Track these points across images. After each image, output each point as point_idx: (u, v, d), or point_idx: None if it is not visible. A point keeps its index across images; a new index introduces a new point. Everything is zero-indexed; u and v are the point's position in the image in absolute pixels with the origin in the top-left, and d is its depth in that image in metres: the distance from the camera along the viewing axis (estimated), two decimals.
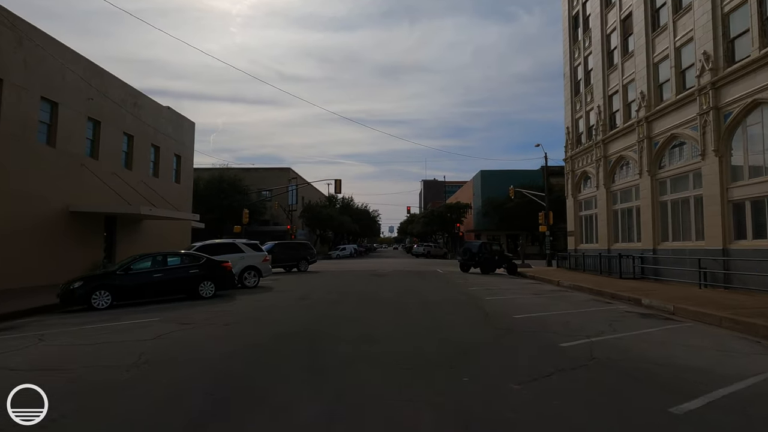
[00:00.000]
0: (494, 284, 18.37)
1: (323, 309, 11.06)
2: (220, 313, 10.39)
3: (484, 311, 10.59)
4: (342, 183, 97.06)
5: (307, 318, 9.73)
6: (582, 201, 26.45)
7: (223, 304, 11.87)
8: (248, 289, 15.73)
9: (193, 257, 13.33)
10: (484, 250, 25.00)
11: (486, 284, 18.26)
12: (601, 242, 23.21)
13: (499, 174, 55.97)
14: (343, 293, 14.47)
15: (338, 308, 11.18)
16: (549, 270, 26.34)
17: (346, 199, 72.19)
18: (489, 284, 18.24)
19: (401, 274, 23.95)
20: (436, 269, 28.76)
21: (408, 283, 18.14)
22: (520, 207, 48.30)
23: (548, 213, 32.56)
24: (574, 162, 27.08)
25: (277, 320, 9.56)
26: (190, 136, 29.37)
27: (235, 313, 10.53)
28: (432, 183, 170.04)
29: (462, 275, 23.34)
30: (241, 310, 10.93)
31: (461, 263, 25.76)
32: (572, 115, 27.41)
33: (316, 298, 13.04)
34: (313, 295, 13.96)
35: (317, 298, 13.21)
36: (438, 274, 24.15)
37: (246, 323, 9.19)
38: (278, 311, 10.87)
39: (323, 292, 14.68)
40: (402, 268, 29.97)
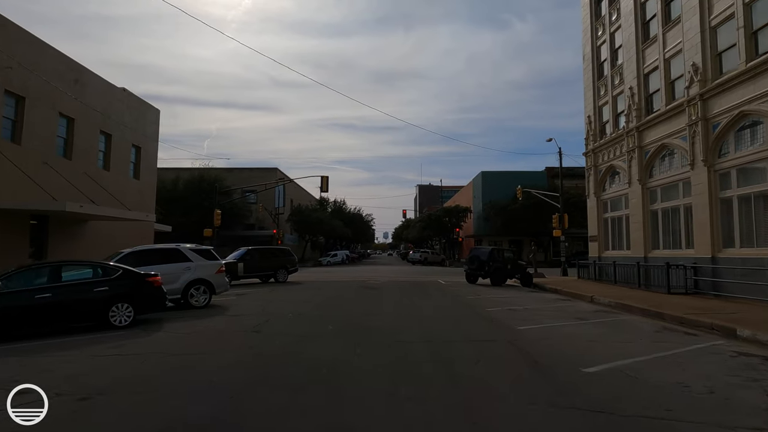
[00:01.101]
0: (516, 301, 14.55)
1: (279, 352, 7.16)
2: (104, 365, 6.47)
3: (530, 357, 6.74)
4: (336, 188, 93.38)
5: (242, 377, 5.82)
6: (607, 201, 22.76)
7: (132, 341, 7.93)
8: (194, 310, 11.77)
9: (104, 269, 9.37)
10: (495, 258, 21.21)
11: (506, 302, 14.45)
12: (634, 249, 19.49)
13: (502, 175, 52.40)
14: (319, 319, 10.54)
15: (303, 351, 7.26)
16: (568, 281, 22.59)
17: (338, 202, 68.38)
18: (510, 302, 14.42)
19: (397, 286, 20.09)
20: (437, 279, 24.92)
21: (407, 301, 14.27)
22: (524, 210, 44.69)
23: (563, 216, 28.87)
24: (597, 156, 23.42)
25: (190, 384, 5.62)
26: (154, 125, 25.45)
27: (132, 362, 6.60)
28: (427, 188, 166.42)
29: (470, 288, 19.52)
30: (149, 356, 6.98)
31: (468, 273, 21.95)
32: (594, 102, 23.79)
33: (278, 329, 9.12)
34: (276, 322, 10.01)
35: (279, 328, 9.29)
36: (441, 287, 20.31)
37: (126, 392, 5.23)
38: (205, 360, 6.87)
39: (292, 318, 10.75)
40: (398, 278, 26.13)
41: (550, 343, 7.82)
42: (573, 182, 51.14)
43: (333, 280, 24.86)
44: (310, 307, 12.60)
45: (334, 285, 20.72)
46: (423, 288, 19.48)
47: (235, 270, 20.68)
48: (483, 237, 52.85)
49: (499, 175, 52.52)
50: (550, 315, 11.57)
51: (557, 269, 32.85)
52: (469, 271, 21.69)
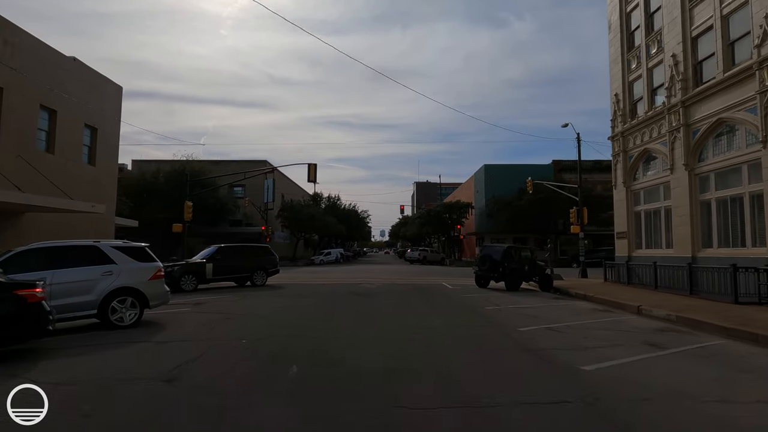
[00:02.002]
0: (547, 315, 11.30)
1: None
2: None
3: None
4: (333, 186, 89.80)
5: None
6: (640, 191, 19.57)
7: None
8: (112, 333, 8.44)
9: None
10: (511, 258, 17.99)
11: (535, 315, 11.21)
12: (678, 247, 16.31)
13: (506, 169, 49.26)
14: (281, 353, 7.05)
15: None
16: (594, 285, 19.41)
17: (332, 197, 65.03)
18: (540, 315, 11.17)
19: (396, 292, 16.83)
20: (441, 282, 21.67)
21: (410, 318, 10.94)
22: (530, 206, 41.56)
23: (582, 210, 25.68)
24: (627, 140, 20.22)
25: None
26: (114, 103, 22.05)
27: None
28: (425, 185, 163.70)
29: (482, 294, 16.28)
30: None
31: (478, 275, 18.71)
32: (623, 77, 20.56)
33: (207, 375, 5.68)
34: (213, 359, 6.51)
35: (212, 371, 5.82)
36: (448, 293, 17.06)
37: None
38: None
39: (242, 349, 7.41)
40: (396, 279, 22.88)
41: (660, 408, 4.57)
42: (583, 176, 48.19)
43: (321, 282, 21.58)
44: (278, 327, 9.29)
45: (320, 290, 17.44)
46: (427, 294, 16.22)
47: (203, 271, 17.40)
48: (485, 234, 49.71)
49: (503, 168, 49.37)
50: (606, 339, 8.33)
51: (567, 269, 29.75)
52: (480, 273, 18.46)
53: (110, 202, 21.39)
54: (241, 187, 50.33)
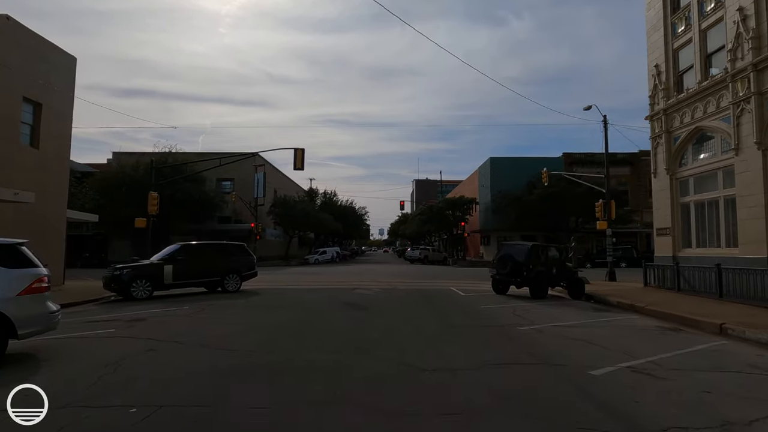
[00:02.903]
0: (605, 339, 8.05)
1: None
2: None
3: None
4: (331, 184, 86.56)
5: None
6: (689, 179, 16.39)
7: None
8: None
9: None
10: (537, 259, 14.82)
11: (586, 338, 8.02)
12: (747, 246, 13.12)
13: (513, 162, 46.05)
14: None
15: None
16: (633, 290, 16.26)
17: (328, 193, 61.80)
18: (594, 340, 7.92)
19: (397, 301, 13.58)
20: (450, 287, 18.45)
21: (420, 345, 7.63)
22: (541, 201, 38.37)
23: (609, 203, 22.49)
24: (671, 118, 17.03)
25: None
26: (65, 77, 18.78)
27: None
28: (424, 182, 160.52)
29: (504, 303, 13.10)
30: None
31: (496, 279, 15.51)
32: (667, 44, 17.35)
33: None
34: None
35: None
36: (461, 301, 13.86)
37: None
38: None
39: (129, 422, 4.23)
40: (396, 283, 19.64)
41: None
42: (593, 170, 44.99)
43: (309, 286, 18.38)
44: (221, 370, 5.99)
45: (304, 298, 14.21)
46: (437, 305, 13.00)
47: (159, 275, 14.20)
48: (491, 232, 46.55)
49: (511, 161, 46.15)
50: (750, 393, 5.13)
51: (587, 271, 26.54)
52: (499, 277, 15.25)
53: (60, 192, 18.16)
54: (229, 181, 47.01)
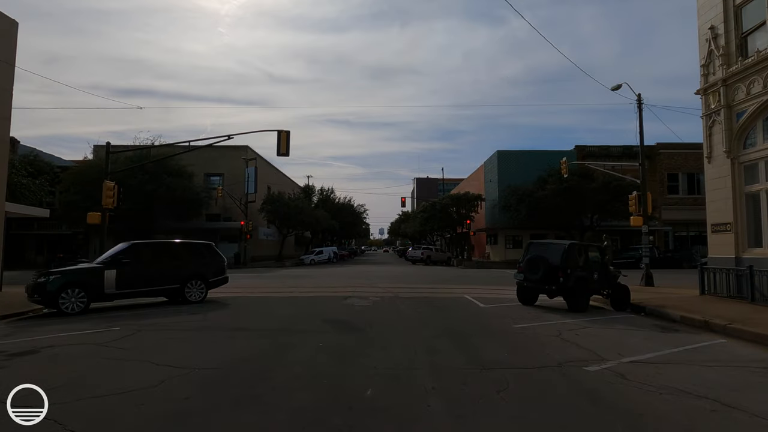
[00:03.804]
0: (747, 400, 5.05)
1: None
2: None
3: None
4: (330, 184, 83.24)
5: None
6: (758, 163, 13.35)
7: None
8: None
9: None
10: (575, 261, 11.80)
11: (708, 392, 4.96)
12: None
13: (522, 155, 43.08)
14: None
15: None
16: (689, 299, 13.28)
17: (325, 190, 58.77)
18: (724, 397, 4.89)
19: (400, 318, 10.48)
20: (463, 294, 15.40)
21: (450, 417, 4.64)
22: (555, 196, 35.34)
23: (646, 194, 19.46)
24: (733, 90, 13.99)
25: None
26: (2, 44, 15.72)
27: None
28: (425, 181, 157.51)
29: (541, 320, 10.08)
30: None
31: (524, 287, 12.43)
32: (726, 2, 14.33)
33: None
34: None
35: None
36: (481, 315, 10.80)
37: None
38: None
39: None
40: (398, 289, 16.55)
41: None
42: (609, 164, 42.09)
43: (293, 294, 15.35)
44: None
45: (282, 315, 11.10)
46: (456, 325, 9.90)
47: (99, 282, 11.18)
48: (499, 230, 43.59)
49: (519, 155, 43.16)
50: None
51: None
52: (528, 285, 12.19)
53: (3, 188, 15.11)
54: (218, 177, 43.96)
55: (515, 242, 44.08)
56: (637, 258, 31.02)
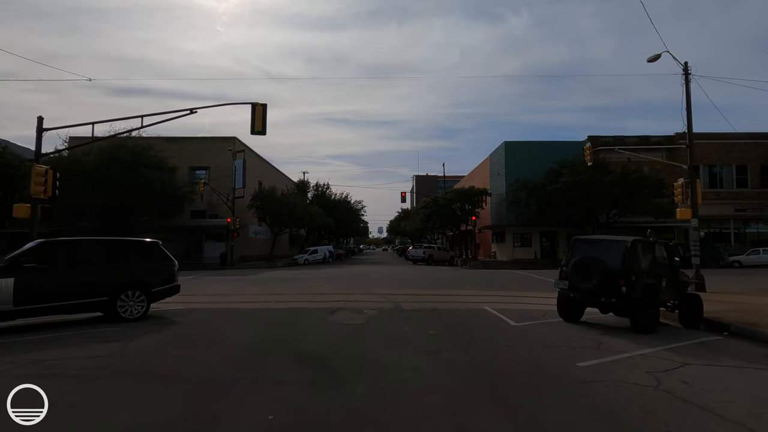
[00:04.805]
0: None
1: None
2: None
3: None
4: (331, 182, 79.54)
5: None
6: None
7: None
8: None
9: None
10: (641, 264, 8.74)
11: None
12: None
13: (531, 147, 40.00)
14: None
15: None
16: None
17: (321, 186, 55.63)
18: None
19: (405, 344, 7.40)
20: (480, 303, 12.28)
21: None
22: (569, 190, 32.29)
23: (695, 182, 16.43)
24: None
25: None
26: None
27: None
28: (425, 178, 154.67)
29: (616, 350, 7.00)
30: None
31: (571, 299, 9.29)
32: None
33: None
34: None
35: None
36: (521, 343, 7.64)
37: None
38: None
39: None
40: (399, 296, 13.38)
41: None
42: (625, 156, 38.90)
43: (268, 307, 12.20)
44: None
45: (239, 343, 7.86)
46: (485, 362, 6.81)
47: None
48: (506, 228, 40.51)
49: (528, 146, 40.08)
50: None
51: None
52: (575, 295, 9.09)
53: None
54: (204, 170, 40.79)
55: (524, 240, 41.04)
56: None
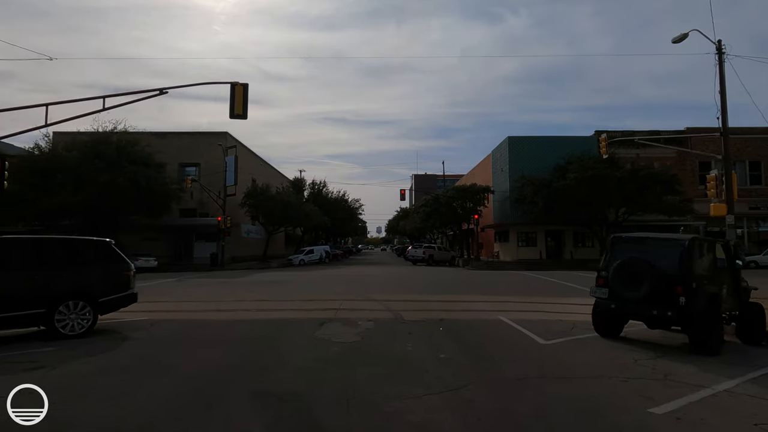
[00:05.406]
0: None
1: None
2: None
3: None
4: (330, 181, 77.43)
5: None
6: None
7: None
8: None
9: None
10: (700, 269, 7.05)
11: None
12: None
13: (535, 142, 38.28)
14: None
15: None
16: None
17: (317, 184, 53.88)
18: None
19: (414, 376, 5.73)
20: (495, 312, 10.56)
21: None
22: (579, 186, 30.59)
23: (730, 175, 14.76)
24: None
25: None
26: None
27: None
28: (424, 177, 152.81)
29: (674, 382, 5.29)
30: None
31: (611, 312, 7.61)
32: None
33: None
34: None
35: None
36: (568, 374, 5.93)
37: None
38: None
39: None
40: (402, 306, 11.60)
41: None
42: (633, 152, 37.37)
43: (246, 317, 10.46)
44: None
45: (190, 371, 6.23)
46: (527, 402, 5.16)
47: None
48: (510, 226, 38.80)
49: (532, 141, 38.36)
50: None
51: None
52: (619, 307, 7.38)
53: None
54: (194, 167, 39.00)
55: (528, 239, 39.35)
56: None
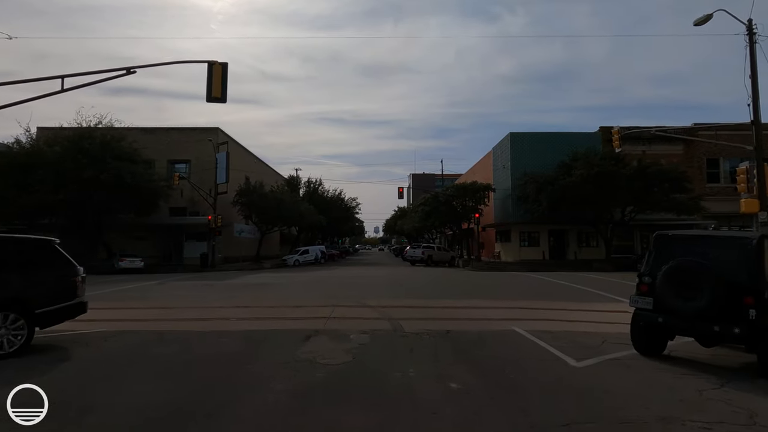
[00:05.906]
0: None
1: None
2: None
3: None
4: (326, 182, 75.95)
5: None
6: None
7: None
8: None
9: None
10: None
11: None
12: None
13: (538, 138, 36.99)
14: None
15: None
16: None
17: (313, 182, 52.45)
18: None
19: (425, 428, 4.47)
20: (509, 323, 9.21)
21: None
22: (584, 184, 29.27)
23: (762, 168, 13.37)
24: None
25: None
26: None
27: None
28: (422, 176, 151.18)
29: (757, 425, 3.98)
30: None
31: (658, 324, 6.24)
32: None
33: None
34: None
35: None
36: (618, 417, 4.63)
37: None
38: None
39: None
40: (401, 314, 10.14)
41: None
42: (639, 149, 36.20)
43: (221, 328, 9.06)
44: None
45: (130, 405, 4.94)
46: None
47: None
48: (512, 225, 37.48)
49: (535, 138, 37.06)
50: None
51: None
52: (667, 320, 6.05)
53: None
54: (184, 164, 37.56)
55: (531, 239, 38.06)
56: None
